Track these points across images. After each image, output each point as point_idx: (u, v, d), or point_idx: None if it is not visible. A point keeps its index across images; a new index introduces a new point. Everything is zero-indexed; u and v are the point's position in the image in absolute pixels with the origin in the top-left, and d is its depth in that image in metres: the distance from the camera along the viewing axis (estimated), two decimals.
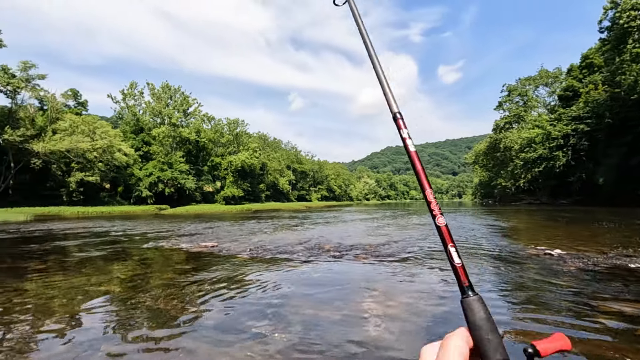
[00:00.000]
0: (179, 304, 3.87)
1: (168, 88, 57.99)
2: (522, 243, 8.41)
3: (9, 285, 4.85)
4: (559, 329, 3.01)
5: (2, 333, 3.12)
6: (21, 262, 6.74)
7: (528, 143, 46.23)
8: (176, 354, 2.62)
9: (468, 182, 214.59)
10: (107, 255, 7.50)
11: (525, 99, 56.79)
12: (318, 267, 5.80)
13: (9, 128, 32.85)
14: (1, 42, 31.99)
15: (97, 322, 3.34)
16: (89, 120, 41.51)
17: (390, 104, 0.56)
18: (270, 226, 14.65)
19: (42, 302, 4.04)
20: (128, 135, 51.82)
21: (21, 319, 3.46)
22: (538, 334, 2.88)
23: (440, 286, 4.49)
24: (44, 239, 10.86)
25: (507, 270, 5.35)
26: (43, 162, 34.59)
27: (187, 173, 51.76)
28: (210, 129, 67.02)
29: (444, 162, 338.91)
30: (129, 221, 19.76)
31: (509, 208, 32.58)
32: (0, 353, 2.70)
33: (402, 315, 3.42)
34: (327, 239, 9.52)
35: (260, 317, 3.37)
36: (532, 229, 12.89)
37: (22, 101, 37.50)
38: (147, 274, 5.55)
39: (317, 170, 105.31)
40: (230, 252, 7.42)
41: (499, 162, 60.02)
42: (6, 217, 22.25)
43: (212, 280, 4.91)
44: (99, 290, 4.53)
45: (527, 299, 3.91)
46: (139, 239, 10.27)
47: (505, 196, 57.77)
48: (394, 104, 0.56)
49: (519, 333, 2.93)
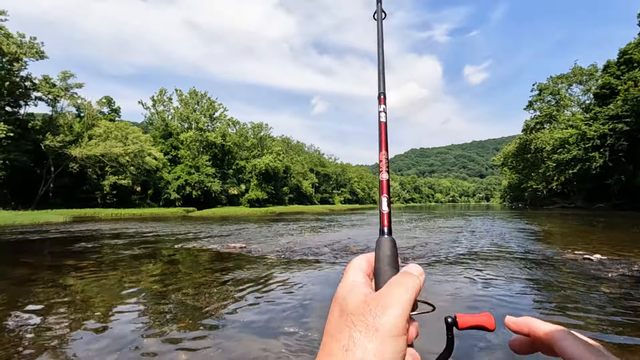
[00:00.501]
0: (210, 302, 3.98)
1: (195, 94, 59.80)
2: (558, 247, 8.06)
3: (53, 281, 5.15)
4: (603, 336, 2.87)
5: (47, 326, 3.32)
6: (63, 260, 7.14)
7: (561, 144, 44.18)
8: (208, 350, 2.70)
9: (496, 185, 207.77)
10: (140, 254, 7.82)
11: (557, 97, 54.32)
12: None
13: (50, 134, 34.91)
14: (43, 53, 34.09)
15: (132, 318, 3.49)
16: (121, 126, 43.42)
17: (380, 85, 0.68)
18: (295, 228, 14.77)
19: (81, 298, 4.27)
20: (157, 140, 53.80)
21: (64, 313, 3.67)
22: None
23: (467, 291, 4.38)
24: (81, 239, 11.45)
25: (543, 274, 5.15)
26: (80, 166, 36.50)
27: (213, 176, 53.04)
28: (235, 133, 68.50)
29: (471, 164, 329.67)
30: (159, 223, 20.48)
31: (540, 212, 31.27)
32: (46, 344, 2.88)
33: (422, 318, 3.37)
34: (353, 241, 9.50)
35: (286, 316, 3.42)
36: (567, 233, 12.32)
37: (61, 109, 39.84)
38: (178, 272, 5.74)
39: (340, 173, 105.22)
40: (259, 253, 7.55)
41: (530, 164, 57.71)
42: (48, 218, 23.59)
43: (242, 280, 5.02)
44: (133, 287, 4.73)
45: (565, 305, 3.75)
46: (169, 240, 10.63)
47: (537, 199, 55.46)
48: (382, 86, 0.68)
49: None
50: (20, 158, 31.21)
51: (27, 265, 6.75)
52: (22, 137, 32.82)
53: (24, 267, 6.48)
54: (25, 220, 21.41)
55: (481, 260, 6.53)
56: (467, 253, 7.37)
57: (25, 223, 20.52)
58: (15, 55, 31.56)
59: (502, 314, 3.37)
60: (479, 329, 0.45)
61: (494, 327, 0.46)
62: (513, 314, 3.17)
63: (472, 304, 3.80)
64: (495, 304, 3.79)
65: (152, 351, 2.70)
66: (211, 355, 2.61)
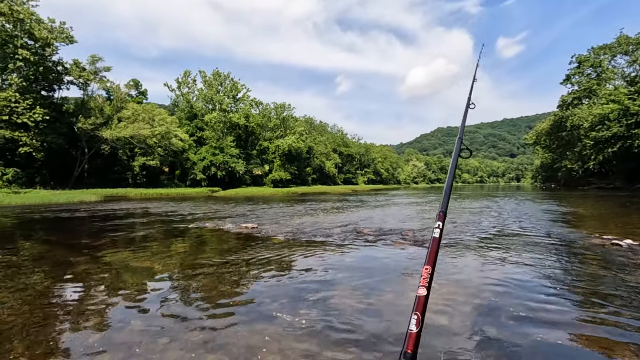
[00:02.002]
0: (209, 284, 3.99)
1: (218, 75, 60.08)
2: (585, 231, 7.54)
3: (84, 258, 5.37)
4: (625, 333, 2.60)
5: (80, 301, 3.43)
6: (94, 239, 7.46)
7: (600, 120, 41.12)
8: (205, 333, 2.68)
9: (527, 165, 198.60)
10: (153, 234, 8.04)
11: (598, 70, 50.10)
12: (351, 252, 5.68)
13: (82, 117, 36.40)
14: (73, 38, 35.11)
15: (127, 300, 3.54)
16: (148, 108, 44.56)
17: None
18: (313, 209, 14.76)
19: (95, 278, 4.40)
20: (183, 121, 54.96)
21: (93, 286, 3.79)
22: (605, 340, 2.50)
23: (481, 279, 4.15)
24: (112, 217, 11.99)
25: (561, 261, 4.80)
26: (111, 148, 38.04)
27: (237, 157, 53.85)
28: (258, 113, 68.73)
29: (501, 143, 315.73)
30: (183, 202, 21.11)
31: (574, 193, 29.62)
32: (82, 320, 2.97)
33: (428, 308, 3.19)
34: (367, 223, 9.34)
35: (283, 302, 3.35)
36: (599, 216, 11.54)
37: (92, 92, 41.32)
38: (184, 253, 5.83)
39: (364, 154, 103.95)
40: (267, 234, 7.56)
41: (565, 143, 54.40)
42: (82, 197, 24.90)
43: (243, 261, 5.01)
44: (140, 267, 4.83)
45: (583, 295, 3.45)
46: (188, 219, 10.89)
47: (571, 180, 52.59)
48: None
49: (586, 339, 2.56)
50: (56, 140, 32.87)
51: (60, 240, 7.12)
52: (57, 120, 34.44)
53: (59, 242, 6.83)
54: (61, 199, 22.72)
55: (498, 243, 6.21)
56: (486, 236, 7.04)
57: (60, 202, 21.77)
58: (46, 40, 32.69)
59: (510, 304, 3.15)
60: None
61: None
62: (523, 305, 2.92)
63: (475, 292, 3.58)
64: (501, 292, 3.55)
65: (141, 327, 2.72)
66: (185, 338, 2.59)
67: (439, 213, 0.56)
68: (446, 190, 0.62)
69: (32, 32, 31.58)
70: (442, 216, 0.54)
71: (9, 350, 2.43)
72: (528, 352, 2.33)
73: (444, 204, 0.65)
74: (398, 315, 2.99)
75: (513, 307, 3.11)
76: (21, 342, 2.56)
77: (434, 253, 0.46)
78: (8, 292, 3.74)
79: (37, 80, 34.20)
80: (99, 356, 2.33)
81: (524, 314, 2.96)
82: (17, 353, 2.39)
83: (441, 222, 0.53)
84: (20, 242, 7.24)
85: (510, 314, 2.97)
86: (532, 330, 2.64)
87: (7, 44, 30.45)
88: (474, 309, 3.10)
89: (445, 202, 0.65)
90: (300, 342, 2.47)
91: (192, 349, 2.39)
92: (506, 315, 2.95)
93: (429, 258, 0.48)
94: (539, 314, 2.98)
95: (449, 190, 0.61)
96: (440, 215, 0.54)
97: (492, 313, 3.00)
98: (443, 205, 0.59)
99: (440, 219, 0.53)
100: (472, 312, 3.03)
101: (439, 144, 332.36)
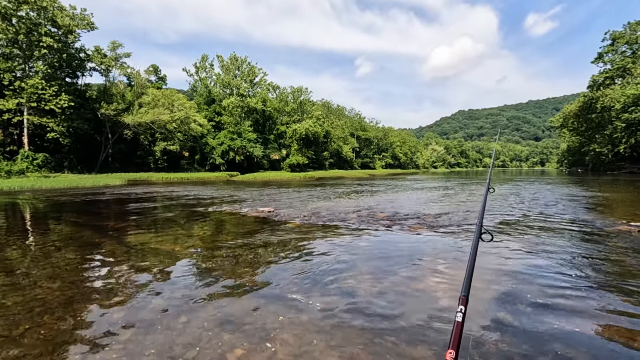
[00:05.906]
0: (227, 266, 4.10)
1: (235, 59, 59.97)
2: (612, 217, 7.26)
3: (109, 239, 5.62)
4: None
5: (106, 280, 3.62)
6: (118, 221, 7.76)
7: (634, 101, 38.89)
8: (222, 314, 2.77)
9: (553, 149, 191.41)
10: (174, 217, 8.27)
11: (634, 47, 47.05)
12: (366, 236, 5.68)
13: (105, 103, 37.32)
14: (93, 24, 35.66)
15: (149, 280, 3.68)
16: (167, 93, 45.14)
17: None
18: (330, 193, 14.79)
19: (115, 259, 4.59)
20: (202, 106, 55.49)
21: (117, 266, 3.98)
22: (627, 330, 2.43)
23: (495, 264, 4.08)
24: (136, 200, 12.41)
25: (583, 249, 4.66)
26: (133, 133, 39.01)
27: (255, 142, 54.21)
28: (275, 97, 68.56)
29: (525, 126, 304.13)
30: (202, 186, 21.56)
31: (602, 177, 28.43)
32: (107, 297, 3.13)
33: (437, 293, 3.18)
34: (383, 207, 9.29)
35: (297, 285, 3.41)
36: (628, 201, 11.07)
37: (113, 78, 42.15)
38: (204, 235, 5.99)
39: (382, 138, 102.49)
40: (284, 218, 7.65)
41: (594, 125, 51.96)
42: (107, 181, 25.83)
43: (261, 244, 5.10)
44: (162, 248, 5.00)
45: (609, 286, 3.35)
46: (207, 203, 11.14)
47: (600, 164, 50.43)
48: None
49: (609, 328, 2.50)
50: (82, 126, 33.94)
51: (88, 222, 7.45)
52: (82, 106, 35.45)
53: (86, 224, 7.16)
54: (87, 183, 23.63)
55: (520, 228, 6.07)
56: (507, 221, 6.89)
57: (87, 185, 22.66)
58: (69, 27, 33.36)
59: (529, 290, 3.09)
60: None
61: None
62: (542, 292, 2.87)
63: (495, 278, 3.53)
64: (522, 279, 3.49)
65: (162, 306, 2.84)
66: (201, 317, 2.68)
67: (461, 297, 0.54)
68: (468, 271, 0.60)
69: (55, 19, 32.24)
70: (464, 300, 0.52)
71: (40, 324, 2.60)
72: (547, 339, 2.30)
73: (465, 287, 0.63)
74: (413, 301, 3.00)
75: (531, 294, 3.06)
76: (51, 317, 2.72)
77: (457, 338, 0.46)
78: (41, 269, 3.97)
79: (61, 67, 35.10)
80: (122, 331, 2.45)
81: (542, 301, 2.91)
82: (47, 327, 2.54)
83: (463, 307, 0.52)
84: (52, 224, 7.61)
85: (529, 300, 2.93)
86: (551, 319, 2.60)
87: (32, 32, 31.25)
88: (494, 296, 3.06)
89: (467, 284, 0.63)
90: (314, 325, 2.52)
91: (210, 328, 2.48)
92: (525, 302, 2.90)
93: (453, 342, 0.48)
94: (558, 301, 2.92)
95: (470, 271, 0.60)
96: (462, 299, 0.53)
97: (511, 300, 2.95)
98: (464, 288, 0.57)
99: (463, 303, 0.52)
100: (491, 299, 3.00)
101: (459, 127, 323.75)
